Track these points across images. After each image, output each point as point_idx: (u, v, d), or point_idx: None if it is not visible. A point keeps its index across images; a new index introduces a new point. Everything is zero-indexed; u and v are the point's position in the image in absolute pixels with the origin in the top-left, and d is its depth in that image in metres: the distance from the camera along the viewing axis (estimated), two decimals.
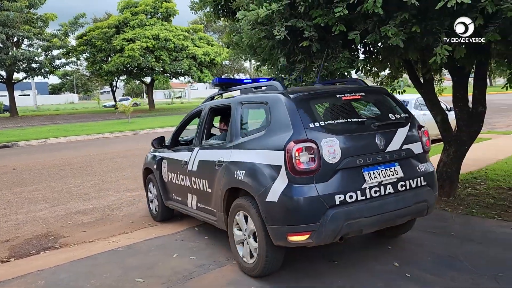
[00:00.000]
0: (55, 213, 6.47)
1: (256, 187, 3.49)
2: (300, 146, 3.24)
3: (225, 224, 4.03)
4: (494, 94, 32.15)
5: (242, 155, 3.79)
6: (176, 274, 3.86)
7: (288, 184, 3.27)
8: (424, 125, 4.11)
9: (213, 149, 4.35)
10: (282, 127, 3.47)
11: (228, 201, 3.95)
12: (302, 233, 3.24)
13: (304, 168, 3.23)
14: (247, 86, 4.54)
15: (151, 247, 4.63)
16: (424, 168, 3.79)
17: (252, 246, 3.66)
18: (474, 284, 3.34)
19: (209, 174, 4.26)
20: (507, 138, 11.64)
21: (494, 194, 5.89)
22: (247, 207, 3.61)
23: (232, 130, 4.09)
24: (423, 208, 3.71)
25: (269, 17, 4.13)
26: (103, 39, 29.75)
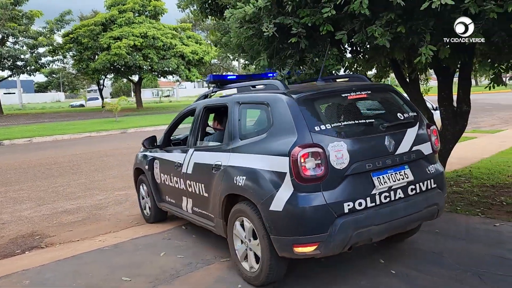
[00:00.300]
0: (40, 213, 6.41)
1: (258, 195, 3.28)
2: (306, 152, 3.03)
3: (224, 230, 3.85)
4: (479, 94, 32.64)
5: (241, 159, 3.58)
6: (163, 272, 3.86)
7: (293, 192, 3.07)
8: None
9: (210, 152, 4.12)
10: (285, 130, 3.25)
11: (227, 207, 3.74)
12: (309, 244, 3.05)
13: (311, 175, 3.03)
14: (244, 84, 4.31)
15: (138, 246, 4.61)
16: (434, 169, 3.61)
17: (254, 254, 3.49)
18: (457, 280, 3.40)
19: (205, 178, 4.04)
20: (491, 137, 11.83)
21: (478, 192, 5.99)
22: (249, 213, 3.40)
23: (229, 132, 3.86)
24: (433, 212, 3.55)
25: (256, 14, 4.13)
26: (89, 36, 29.41)
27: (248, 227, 3.48)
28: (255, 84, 4.13)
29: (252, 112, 3.98)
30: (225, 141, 3.92)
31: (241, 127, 3.82)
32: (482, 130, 13.53)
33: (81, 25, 30.72)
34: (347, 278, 3.55)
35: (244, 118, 3.88)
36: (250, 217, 3.40)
